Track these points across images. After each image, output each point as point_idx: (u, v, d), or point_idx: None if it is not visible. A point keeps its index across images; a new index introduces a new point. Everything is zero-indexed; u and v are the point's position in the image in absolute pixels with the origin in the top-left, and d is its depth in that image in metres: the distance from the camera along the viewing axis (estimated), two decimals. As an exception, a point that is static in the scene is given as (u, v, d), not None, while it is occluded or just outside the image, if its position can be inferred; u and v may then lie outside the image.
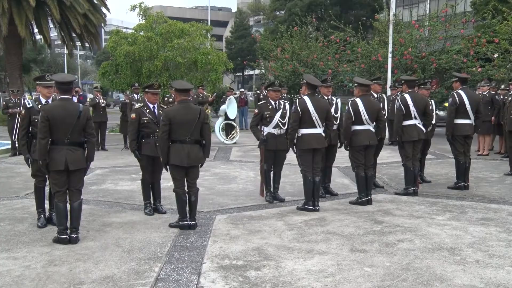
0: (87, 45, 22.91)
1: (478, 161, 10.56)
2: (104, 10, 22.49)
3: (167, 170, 5.70)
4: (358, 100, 6.71)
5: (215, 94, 15.32)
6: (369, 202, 6.73)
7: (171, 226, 5.66)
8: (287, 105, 6.99)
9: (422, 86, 8.03)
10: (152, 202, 6.41)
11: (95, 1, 21.75)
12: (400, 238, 5.27)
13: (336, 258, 4.66)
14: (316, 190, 6.46)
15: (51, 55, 53.61)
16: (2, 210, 6.53)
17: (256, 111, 6.96)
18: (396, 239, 5.23)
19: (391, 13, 17.24)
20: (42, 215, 5.75)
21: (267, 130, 6.84)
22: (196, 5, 79.55)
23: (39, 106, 5.48)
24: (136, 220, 6.02)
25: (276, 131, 6.81)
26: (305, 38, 22.26)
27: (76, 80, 51.99)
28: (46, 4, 19.73)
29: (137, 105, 6.81)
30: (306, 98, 6.40)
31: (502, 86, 12.37)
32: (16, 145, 11.81)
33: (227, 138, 14.53)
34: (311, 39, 22.49)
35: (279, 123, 6.82)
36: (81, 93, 17.90)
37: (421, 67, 16.82)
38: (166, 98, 13.96)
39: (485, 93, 11.70)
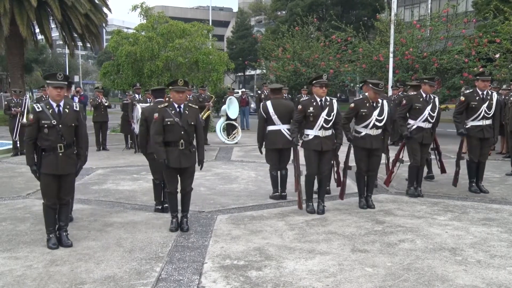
0: (88, 45, 22.91)
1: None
2: (105, 10, 22.49)
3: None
4: None
5: (214, 99, 15.30)
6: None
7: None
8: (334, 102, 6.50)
9: (427, 81, 7.47)
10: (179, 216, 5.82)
11: (97, 1, 21.74)
12: (401, 238, 5.26)
13: (338, 258, 4.66)
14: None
15: (52, 55, 53.76)
16: (3, 210, 6.54)
17: (300, 107, 6.45)
18: (398, 239, 5.23)
19: (393, 13, 17.24)
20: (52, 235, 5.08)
21: (313, 133, 6.37)
22: (197, 5, 79.69)
23: (50, 110, 4.91)
24: (137, 220, 6.02)
25: (321, 133, 6.36)
26: (306, 38, 22.26)
27: (78, 80, 52.12)
28: (48, 4, 19.73)
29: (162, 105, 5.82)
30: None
31: (504, 86, 12.35)
32: (18, 145, 11.87)
33: (228, 138, 14.54)
34: (312, 39, 22.48)
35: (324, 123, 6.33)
36: (82, 93, 17.91)
37: (423, 67, 16.80)
38: (168, 98, 13.97)
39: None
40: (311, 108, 6.31)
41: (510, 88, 11.44)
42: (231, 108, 14.49)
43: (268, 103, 7.22)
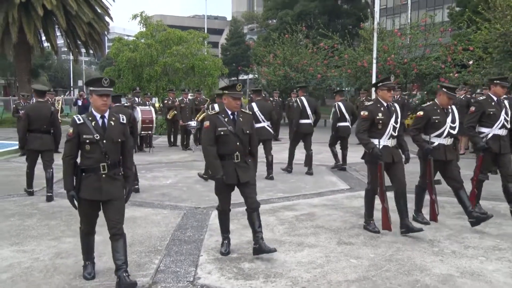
0: (91, 51, 22.74)
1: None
2: (107, 19, 22.34)
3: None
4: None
5: (209, 102, 15.27)
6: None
7: None
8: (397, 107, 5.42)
9: (499, 81, 5.95)
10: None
11: (99, 11, 21.60)
12: (383, 231, 5.29)
13: (325, 251, 4.68)
14: None
15: (57, 61, 53.40)
16: (12, 206, 6.49)
17: (366, 113, 5.20)
18: (380, 232, 5.25)
19: (375, 22, 17.33)
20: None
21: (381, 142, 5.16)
22: (193, 14, 79.63)
23: (93, 123, 3.87)
24: (137, 215, 6.00)
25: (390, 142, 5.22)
26: (295, 45, 22.29)
27: (81, 85, 51.78)
28: (53, 13, 19.58)
29: (211, 111, 4.91)
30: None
31: (478, 91, 12.45)
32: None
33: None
34: (301, 46, 22.50)
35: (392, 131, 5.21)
36: (85, 96, 17.84)
37: (403, 72, 16.92)
38: (166, 101, 13.95)
39: (461, 97, 11.80)
40: (380, 114, 5.12)
41: (482, 93, 11.53)
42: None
43: (303, 98, 8.78)
